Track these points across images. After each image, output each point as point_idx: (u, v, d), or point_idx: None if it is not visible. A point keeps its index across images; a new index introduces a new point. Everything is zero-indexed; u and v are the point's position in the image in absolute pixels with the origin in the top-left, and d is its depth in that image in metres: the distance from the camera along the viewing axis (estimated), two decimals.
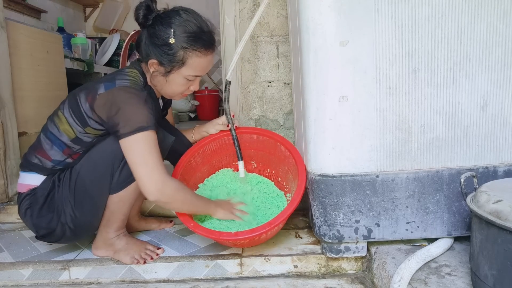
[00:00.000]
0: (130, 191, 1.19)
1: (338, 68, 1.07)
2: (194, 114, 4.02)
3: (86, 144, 1.19)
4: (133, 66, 1.24)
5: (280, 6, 1.63)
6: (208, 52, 1.19)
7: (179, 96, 1.28)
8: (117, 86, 1.13)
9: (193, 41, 1.15)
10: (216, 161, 1.48)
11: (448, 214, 1.14)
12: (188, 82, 1.22)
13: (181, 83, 1.21)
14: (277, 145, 1.39)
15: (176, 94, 1.26)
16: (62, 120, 1.18)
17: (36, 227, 1.20)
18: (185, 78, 1.20)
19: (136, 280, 1.23)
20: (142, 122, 1.08)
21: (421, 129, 1.10)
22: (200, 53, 1.17)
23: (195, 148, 1.41)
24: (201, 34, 1.16)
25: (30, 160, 1.21)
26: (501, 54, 1.07)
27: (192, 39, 1.15)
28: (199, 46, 1.16)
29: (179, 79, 1.20)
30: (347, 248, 1.20)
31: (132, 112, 1.09)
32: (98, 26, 3.70)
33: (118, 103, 1.09)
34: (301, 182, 1.21)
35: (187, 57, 1.16)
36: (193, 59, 1.17)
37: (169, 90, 1.24)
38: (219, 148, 1.46)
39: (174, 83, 1.21)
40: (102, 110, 1.12)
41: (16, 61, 1.71)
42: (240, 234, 1.13)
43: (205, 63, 1.20)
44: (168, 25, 1.14)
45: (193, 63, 1.17)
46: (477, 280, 0.90)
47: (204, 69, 1.22)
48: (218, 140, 1.44)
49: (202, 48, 1.17)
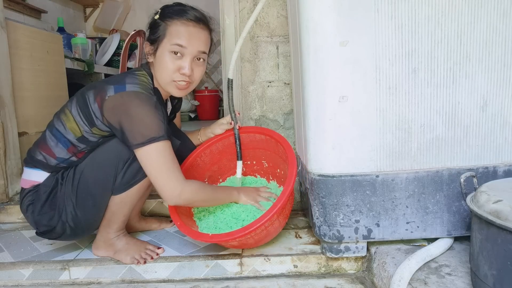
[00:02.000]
0: (132, 193, 1.19)
1: (338, 68, 1.07)
2: (194, 114, 4.02)
3: (91, 143, 1.19)
4: (142, 68, 1.24)
5: (280, 6, 1.63)
6: (190, 23, 1.18)
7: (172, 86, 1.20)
8: (127, 90, 1.12)
9: (176, 13, 1.19)
10: (227, 160, 1.49)
11: (448, 214, 1.14)
12: (174, 58, 1.17)
13: (167, 59, 1.17)
14: (277, 145, 1.39)
15: (168, 78, 1.19)
16: (69, 118, 1.18)
17: (36, 223, 1.21)
18: (170, 52, 1.16)
19: (136, 280, 1.23)
20: (154, 133, 1.09)
21: (421, 129, 1.10)
22: (179, 21, 1.17)
23: (202, 148, 1.41)
24: (184, 9, 1.20)
25: (34, 156, 1.21)
26: (501, 54, 1.07)
27: (174, 12, 1.19)
28: (179, 16, 1.18)
29: (165, 53, 1.17)
30: (347, 248, 1.20)
31: (143, 121, 1.09)
32: (98, 26, 3.70)
33: (128, 109, 1.09)
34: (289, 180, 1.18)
35: (167, 27, 1.18)
36: (172, 28, 1.17)
37: (161, 73, 1.19)
38: (227, 147, 1.46)
39: (162, 61, 1.18)
40: (111, 114, 1.11)
41: (16, 61, 1.71)
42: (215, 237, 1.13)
43: (187, 31, 1.17)
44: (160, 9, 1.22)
45: (173, 31, 1.17)
46: (477, 280, 0.90)
47: (187, 37, 1.16)
48: (226, 139, 1.44)
49: (183, 18, 1.18)
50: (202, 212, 1.36)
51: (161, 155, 1.10)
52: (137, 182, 1.18)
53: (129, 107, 1.09)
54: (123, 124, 1.09)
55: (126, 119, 1.09)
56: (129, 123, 1.09)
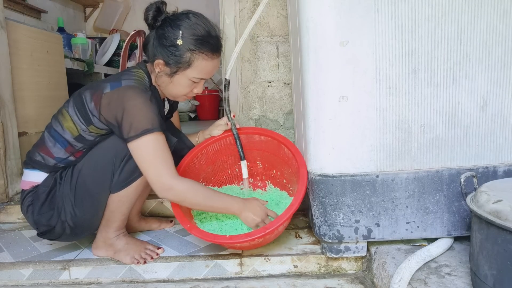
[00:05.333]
0: (130, 191, 1.19)
1: (338, 68, 1.07)
2: (194, 114, 4.02)
3: (88, 142, 1.19)
4: (139, 67, 1.25)
5: (280, 6, 1.63)
6: (214, 56, 1.20)
7: (182, 98, 1.28)
8: (123, 86, 1.14)
9: (200, 44, 1.15)
10: (221, 161, 1.48)
11: (448, 214, 1.14)
12: (192, 84, 1.22)
13: (185, 85, 1.21)
14: (280, 146, 1.38)
15: (180, 95, 1.26)
16: (66, 117, 1.19)
17: (36, 223, 1.21)
18: (189, 80, 1.20)
19: (136, 280, 1.23)
20: (147, 125, 1.09)
21: (421, 129, 1.10)
22: (207, 56, 1.17)
23: (198, 149, 1.41)
24: (208, 38, 1.17)
25: (33, 157, 1.22)
26: (501, 54, 1.07)
27: (199, 42, 1.15)
28: (206, 49, 1.17)
29: (184, 80, 1.20)
30: (347, 248, 1.20)
31: (137, 114, 1.09)
32: (98, 26, 3.70)
33: (123, 103, 1.10)
34: (301, 186, 1.18)
35: (194, 59, 1.16)
36: (199, 62, 1.17)
37: (173, 91, 1.24)
38: (223, 148, 1.46)
39: (178, 84, 1.21)
40: (107, 110, 1.13)
41: (16, 61, 1.71)
42: (235, 238, 1.13)
43: (211, 66, 1.21)
44: (176, 27, 1.15)
45: (198, 65, 1.18)
46: (477, 280, 0.90)
47: (209, 72, 1.22)
48: (222, 140, 1.44)
49: (209, 51, 1.17)
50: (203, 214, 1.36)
51: (153, 148, 1.10)
52: (135, 179, 1.18)
53: (123, 101, 1.10)
54: (119, 118, 1.10)
55: (121, 113, 1.10)
56: (124, 117, 1.10)
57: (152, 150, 1.10)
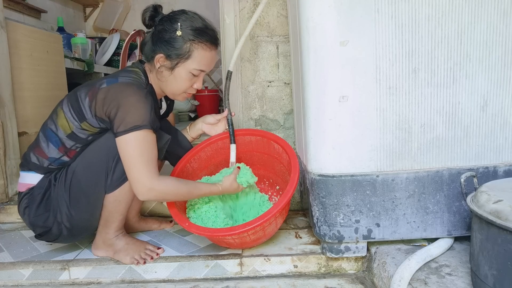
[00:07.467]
0: (125, 191, 1.19)
1: (338, 68, 1.07)
2: (194, 114, 4.02)
3: (81, 140, 1.18)
4: (136, 66, 1.26)
5: (280, 6, 1.62)
6: (213, 47, 1.23)
7: (182, 95, 1.27)
8: (119, 82, 1.15)
9: (199, 34, 1.18)
10: (214, 165, 1.49)
11: (448, 214, 1.14)
12: (192, 77, 1.23)
13: (186, 78, 1.22)
14: (270, 143, 1.40)
15: (180, 91, 1.25)
16: (60, 115, 1.19)
17: (33, 225, 1.21)
18: (190, 73, 1.21)
19: (136, 280, 1.23)
20: (137, 121, 1.09)
21: (421, 129, 1.10)
22: (206, 46, 1.20)
23: (190, 154, 1.42)
24: (206, 29, 1.21)
25: (28, 159, 1.22)
26: (501, 54, 1.07)
27: (198, 32, 1.18)
28: (204, 39, 1.19)
29: (185, 73, 1.21)
30: (347, 248, 1.19)
31: (129, 109, 1.09)
32: (98, 26, 3.70)
33: (118, 98, 1.11)
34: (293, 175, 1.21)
35: (193, 49, 1.18)
36: (199, 52, 1.19)
37: (174, 86, 1.23)
38: (215, 152, 1.47)
39: (179, 78, 1.21)
40: (101, 105, 1.12)
41: (16, 61, 1.71)
42: (234, 229, 1.13)
43: (210, 57, 1.23)
44: (175, 21, 1.18)
45: (198, 55, 1.19)
46: (477, 280, 0.90)
47: (208, 64, 1.24)
48: (214, 144, 1.45)
49: (208, 41, 1.20)
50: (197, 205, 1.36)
51: (139, 146, 1.10)
52: None
53: (118, 96, 1.11)
54: (112, 113, 1.11)
55: (115, 108, 1.10)
56: (117, 112, 1.10)
57: (138, 147, 1.09)
